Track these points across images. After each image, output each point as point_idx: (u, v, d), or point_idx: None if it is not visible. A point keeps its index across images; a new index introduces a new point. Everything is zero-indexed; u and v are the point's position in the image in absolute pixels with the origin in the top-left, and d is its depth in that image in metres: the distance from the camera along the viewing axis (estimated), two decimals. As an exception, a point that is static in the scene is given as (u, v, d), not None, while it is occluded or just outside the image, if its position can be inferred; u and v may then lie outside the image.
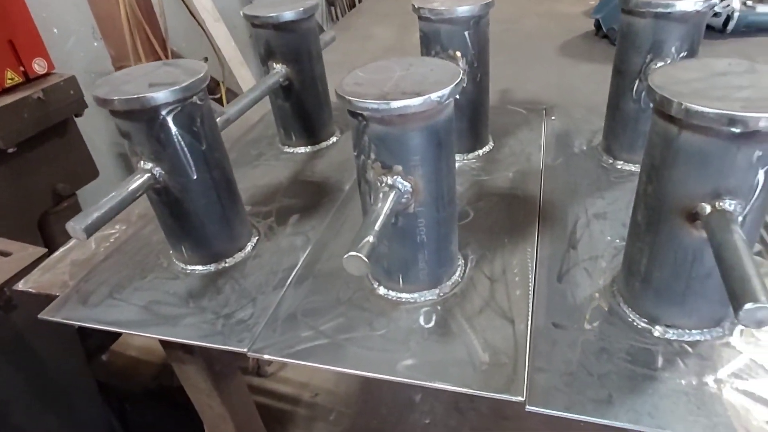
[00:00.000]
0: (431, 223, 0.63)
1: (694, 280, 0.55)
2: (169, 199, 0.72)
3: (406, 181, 0.59)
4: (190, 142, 0.68)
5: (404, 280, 0.68)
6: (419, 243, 0.64)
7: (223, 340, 0.66)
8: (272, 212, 0.91)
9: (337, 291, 0.72)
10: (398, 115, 0.54)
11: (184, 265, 0.79)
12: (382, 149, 0.58)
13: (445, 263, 0.69)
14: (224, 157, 0.75)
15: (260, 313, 0.70)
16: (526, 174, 0.94)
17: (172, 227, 0.75)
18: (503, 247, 0.77)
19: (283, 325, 0.67)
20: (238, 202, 0.79)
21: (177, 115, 0.66)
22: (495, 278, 0.71)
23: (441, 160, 0.60)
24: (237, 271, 0.78)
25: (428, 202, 0.61)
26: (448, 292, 0.70)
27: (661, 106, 0.49)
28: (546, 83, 1.34)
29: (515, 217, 0.83)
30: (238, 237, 0.80)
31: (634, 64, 0.83)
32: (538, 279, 0.70)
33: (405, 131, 0.56)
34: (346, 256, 0.49)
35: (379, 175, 0.59)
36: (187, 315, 0.71)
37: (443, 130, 0.58)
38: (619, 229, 0.77)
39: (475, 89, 0.94)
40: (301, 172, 1.03)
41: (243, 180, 1.01)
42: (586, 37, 1.65)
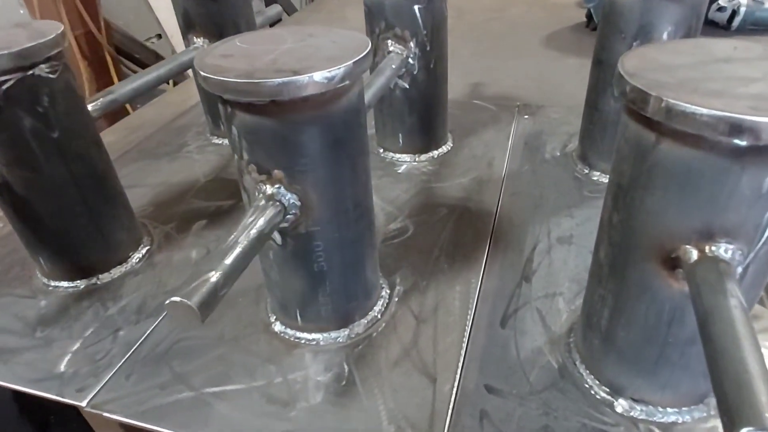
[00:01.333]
0: (332, 247, 0.48)
1: (671, 346, 0.40)
2: (12, 197, 0.56)
3: (291, 192, 0.44)
4: (35, 127, 0.53)
5: (302, 317, 0.53)
6: (317, 272, 0.49)
7: (60, 387, 0.51)
8: (175, 216, 0.75)
9: (224, 325, 0.57)
10: (270, 100, 0.38)
11: (47, 279, 0.63)
12: (256, 147, 0.42)
13: (357, 297, 0.54)
14: (93, 147, 0.60)
15: (119, 350, 0.54)
16: (484, 182, 0.79)
17: (23, 232, 0.60)
18: (442, 274, 0.62)
19: (142, 369, 0.52)
20: (117, 203, 0.64)
21: (12, 91, 0.50)
22: (423, 318, 0.56)
23: (342, 165, 0.44)
24: (109, 290, 0.62)
25: (326, 219, 0.46)
26: (361, 333, 0.54)
27: (634, 103, 0.33)
28: (525, 77, 1.18)
29: (462, 236, 0.68)
30: (117, 247, 0.65)
31: (616, 53, 0.67)
32: (476, 321, 0.55)
33: (284, 124, 0.40)
34: (168, 302, 0.34)
35: (258, 182, 0.44)
36: (28, 349, 0.55)
37: (344, 124, 0.43)
38: (587, 258, 0.62)
39: (429, 78, 0.79)
40: (224, 168, 0.87)
41: (154, 174, 0.85)
42: (576, 29, 1.49)
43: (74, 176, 0.57)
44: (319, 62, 0.39)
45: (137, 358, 0.53)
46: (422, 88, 0.79)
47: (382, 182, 0.80)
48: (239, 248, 0.38)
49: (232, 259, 0.37)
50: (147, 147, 0.95)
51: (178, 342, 0.55)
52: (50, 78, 0.53)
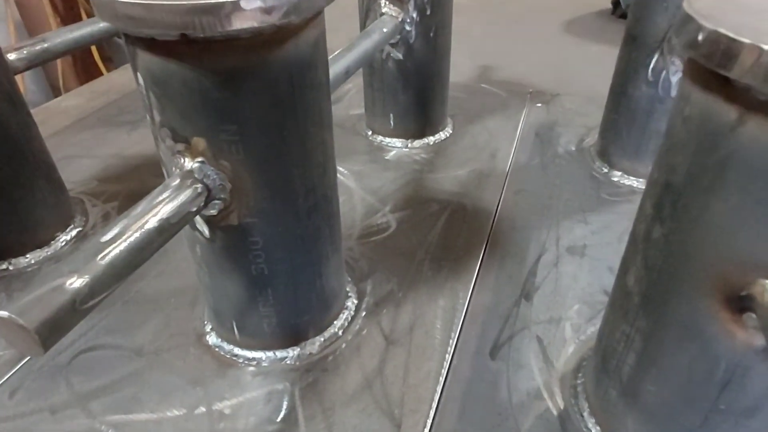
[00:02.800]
0: (274, 245, 0.37)
1: (722, 415, 0.29)
2: None
3: (218, 169, 0.32)
4: None
5: (240, 330, 0.42)
6: (255, 276, 0.38)
7: (-76, 401, 0.40)
8: (121, 194, 0.64)
9: (148, 331, 0.46)
10: (180, 34, 0.27)
11: (-51, 260, 0.53)
12: (167, 104, 0.31)
13: (311, 309, 0.43)
14: (5, 103, 0.48)
15: (10, 357, 0.43)
16: (486, 176, 0.67)
17: None
18: (424, 284, 0.50)
19: (32, 384, 0.41)
20: (35, 174, 0.53)
21: None
22: (395, 338, 0.45)
23: (287, 137, 0.33)
24: (22, 279, 0.51)
25: (265, 209, 0.35)
26: (315, 353, 0.43)
27: (710, 58, 0.22)
28: (540, 63, 1.06)
29: (454, 238, 0.56)
30: (37, 227, 0.54)
31: (655, 27, 0.56)
32: (460, 347, 0.44)
33: (202, 72, 0.29)
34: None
35: (174, 152, 0.33)
36: None
37: (289, 82, 0.31)
38: (603, 276, 0.51)
39: (428, 49, 0.67)
40: (189, 143, 0.76)
41: (108, 144, 0.74)
42: (600, 16, 1.36)
43: (-25, 136, 0.46)
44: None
45: (30, 369, 0.42)
46: (419, 60, 0.67)
47: (366, 169, 0.69)
48: (126, 242, 0.27)
49: (112, 257, 0.26)
50: (107, 114, 0.84)
51: (86, 351, 0.44)
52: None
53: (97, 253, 0.26)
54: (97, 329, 0.46)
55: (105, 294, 0.26)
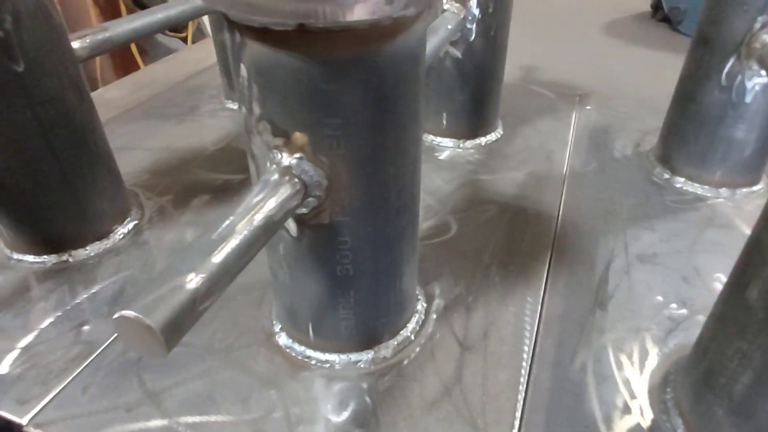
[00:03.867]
0: (363, 245, 0.36)
1: None
2: (-37, 146, 0.44)
3: (316, 165, 0.31)
4: (-7, 57, 0.41)
5: (316, 332, 0.41)
6: (340, 277, 0.37)
7: None
8: (174, 187, 0.63)
9: (215, 329, 0.45)
10: (298, 24, 0.26)
11: (9, 251, 0.52)
12: (271, 97, 0.30)
13: (388, 312, 0.41)
14: (71, 91, 0.48)
15: (79, 351, 0.43)
16: (543, 179, 0.65)
17: (-20, 192, 0.48)
18: (493, 289, 0.49)
19: (104, 381, 0.40)
20: (98, 164, 0.52)
21: (-37, 5, 0.38)
22: (469, 344, 0.43)
23: (388, 133, 0.32)
24: (82, 271, 0.51)
25: (359, 207, 0.34)
26: (389, 357, 0.42)
27: None
28: (584, 65, 1.04)
29: (518, 242, 0.55)
30: (97, 218, 0.53)
31: (732, 31, 0.54)
32: (539, 356, 0.42)
33: (315, 64, 0.28)
34: (117, 317, 0.22)
35: (270, 147, 0.32)
36: (-33, 336, 0.44)
37: (397, 75, 0.30)
38: (678, 286, 0.49)
39: (487, 48, 0.65)
40: (237, 137, 0.75)
41: (157, 137, 0.74)
42: (640, 19, 1.34)
43: (42, 124, 0.45)
44: (372, -24, 0.26)
45: (100, 365, 0.42)
46: (478, 59, 0.66)
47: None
48: (237, 240, 0.26)
49: (225, 256, 0.25)
50: (153, 106, 0.84)
51: (155, 347, 0.43)
52: (17, -5, 0.41)
53: (210, 251, 0.25)
54: (164, 325, 0.45)
55: (219, 294, 0.25)
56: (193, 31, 1.42)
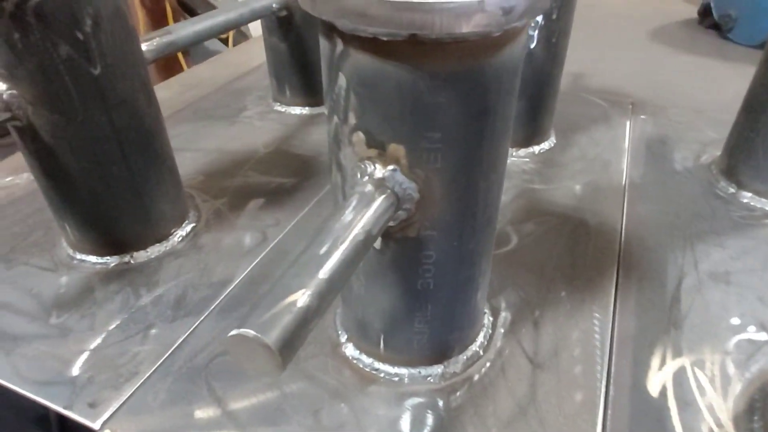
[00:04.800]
0: (446, 260, 0.35)
1: None
2: (37, 146, 0.45)
3: (410, 178, 0.30)
4: (71, 58, 0.41)
5: (387, 344, 0.40)
6: (419, 291, 0.36)
7: (70, 397, 0.39)
8: (229, 190, 0.63)
9: (279, 336, 0.44)
10: (410, 35, 0.25)
11: (72, 251, 0.52)
12: (371, 108, 0.29)
13: (461, 326, 0.40)
14: (141, 94, 0.48)
15: (148, 356, 0.42)
16: (602, 190, 0.64)
17: (48, 191, 0.49)
18: (560, 304, 0.48)
19: (174, 386, 0.40)
20: (162, 167, 0.52)
21: (45, 6, 0.38)
22: (540, 362, 0.42)
23: (484, 146, 0.31)
24: (144, 273, 0.51)
25: (447, 221, 0.33)
26: (458, 372, 0.41)
27: None
28: (633, 73, 1.02)
29: (581, 255, 0.53)
30: (159, 220, 0.53)
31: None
32: (615, 377, 0.41)
33: (422, 75, 0.27)
34: (232, 335, 0.21)
35: (362, 158, 0.31)
36: (38, 338, 0.44)
37: (499, 88, 0.29)
38: (755, 307, 0.47)
39: (548, 55, 0.64)
40: (287, 140, 0.75)
41: (208, 139, 0.74)
42: (687, 26, 1.31)
43: (115, 127, 0.46)
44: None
45: (169, 369, 0.41)
46: (537, 66, 0.64)
47: (473, 176, 0.66)
48: (341, 255, 0.25)
49: (331, 272, 0.24)
50: (202, 107, 0.84)
51: (222, 354, 0.43)
52: (96, -2, 0.41)
53: (318, 267, 0.24)
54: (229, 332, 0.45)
55: (325, 311, 0.24)
56: (234, 33, 1.43)
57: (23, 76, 0.40)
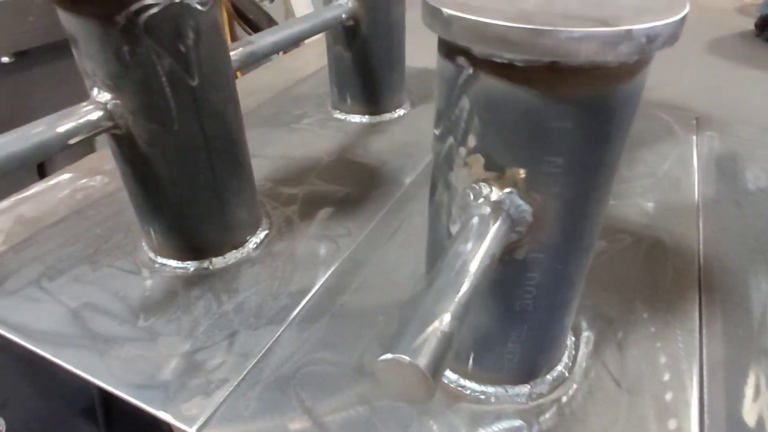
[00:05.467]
0: (548, 282, 0.34)
1: None
2: (133, 154, 0.46)
3: (527, 201, 0.30)
4: (173, 70, 0.42)
5: (476, 362, 0.40)
6: (517, 312, 0.36)
7: (164, 401, 0.40)
8: (298, 197, 0.64)
9: (362, 350, 0.45)
10: (550, 62, 0.25)
11: (154, 254, 0.54)
12: (495, 132, 0.29)
13: (551, 346, 0.40)
14: (230, 104, 0.49)
15: (235, 363, 0.43)
16: (674, 209, 0.63)
17: (137, 197, 0.50)
18: (641, 326, 0.47)
19: (263, 395, 0.41)
20: (243, 175, 0.53)
21: (154, 20, 0.40)
22: (629, 387, 0.42)
23: (601, 170, 0.31)
24: (223, 279, 0.52)
25: (555, 245, 0.32)
26: (544, 393, 0.41)
27: None
28: (693, 86, 1.00)
29: (660, 276, 0.52)
30: (237, 227, 0.54)
31: None
32: (708, 407, 0.40)
33: (554, 102, 0.27)
34: (382, 360, 0.22)
35: (477, 179, 0.31)
36: (128, 340, 0.45)
37: (622, 113, 0.29)
38: None
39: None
40: (350, 149, 0.75)
41: (271, 144, 0.75)
42: (744, 38, 1.28)
43: (206, 137, 0.47)
44: (622, 11, 0.25)
45: (257, 378, 0.42)
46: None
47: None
48: (474, 279, 0.25)
49: (468, 297, 0.24)
50: (263, 114, 0.85)
51: (308, 365, 0.43)
52: (200, 11, 0.42)
53: (455, 292, 0.24)
54: (312, 342, 0.45)
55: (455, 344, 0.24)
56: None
57: (127, 87, 0.42)
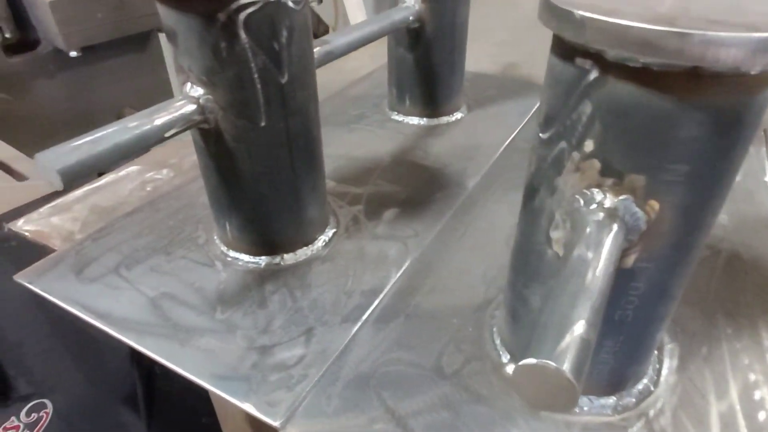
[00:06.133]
0: (651, 293, 0.34)
1: None
2: (218, 149, 0.47)
3: (641, 210, 0.30)
4: (266, 67, 0.43)
5: (563, 371, 0.39)
6: (616, 321, 0.35)
7: (247, 392, 0.41)
8: (362, 197, 0.64)
9: (439, 351, 0.44)
10: (693, 67, 0.24)
11: (226, 248, 0.54)
12: (617, 138, 0.28)
13: (643, 359, 0.39)
14: (312, 102, 0.49)
15: (314, 359, 0.43)
16: (749, 222, 0.61)
17: (216, 191, 0.51)
18: (726, 342, 0.45)
19: (344, 392, 0.41)
20: (318, 173, 0.53)
21: (253, 18, 0.40)
22: (719, 405, 0.40)
23: (721, 179, 0.30)
24: (295, 275, 0.52)
25: (665, 254, 0.32)
26: (630, 407, 0.40)
27: None
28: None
29: (740, 291, 0.51)
30: (308, 224, 0.54)
31: None
32: (807, 428, 0.39)
33: (687, 108, 0.26)
34: (522, 365, 0.21)
35: (589, 185, 0.30)
36: (207, 331, 0.46)
37: (748, 120, 0.28)
38: None
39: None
40: (411, 151, 0.75)
41: (332, 144, 0.75)
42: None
43: (290, 134, 0.47)
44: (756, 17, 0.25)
45: (337, 375, 0.42)
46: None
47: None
48: (603, 286, 0.25)
49: (599, 304, 0.24)
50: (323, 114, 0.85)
51: (387, 364, 0.43)
52: (294, 9, 0.42)
53: (589, 297, 0.24)
54: (389, 342, 0.45)
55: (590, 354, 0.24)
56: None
57: (221, 83, 0.42)
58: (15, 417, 0.98)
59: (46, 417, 1.04)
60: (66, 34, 0.91)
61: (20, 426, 1.00)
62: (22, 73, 0.95)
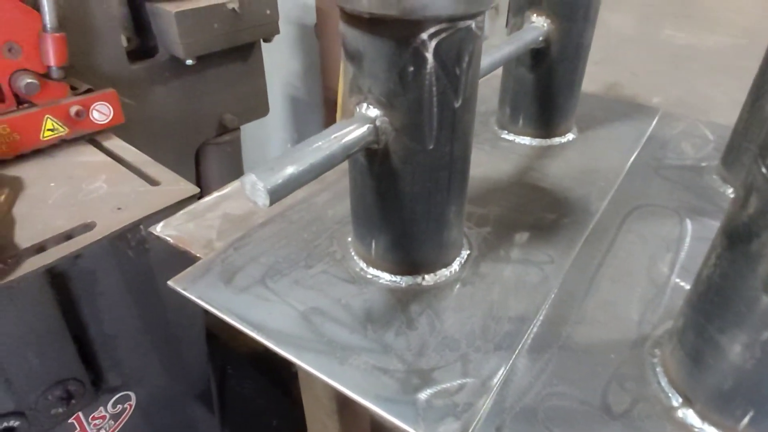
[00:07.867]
0: None
1: None
2: (383, 170, 0.47)
3: None
4: (445, 92, 0.43)
5: (753, 422, 0.37)
6: None
7: (416, 418, 0.40)
8: (488, 218, 0.64)
9: (603, 389, 0.43)
10: None
11: (365, 265, 0.55)
12: None
13: None
14: (472, 126, 0.49)
15: (477, 388, 0.43)
16: None
17: (368, 210, 0.51)
18: None
19: (514, 425, 0.40)
20: (464, 195, 0.53)
21: (443, 43, 0.40)
22: None
23: None
24: (437, 297, 0.52)
25: None
26: (824, 465, 0.37)
27: None
28: None
29: None
30: (449, 246, 0.54)
31: None
32: None
33: None
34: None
35: None
36: (361, 350, 0.46)
37: None
38: None
39: None
40: (527, 172, 0.74)
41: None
42: None
43: (453, 157, 0.47)
44: None
45: (501, 406, 0.41)
46: None
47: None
48: None
49: None
50: (430, 128, 0.86)
51: (550, 396, 0.42)
52: (477, 35, 0.42)
53: None
54: (547, 374, 0.44)
55: None
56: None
57: (400, 105, 0.43)
58: (103, 407, 1.02)
59: (130, 409, 1.08)
60: (186, 43, 0.95)
61: (106, 416, 1.03)
62: (142, 80, 0.99)
